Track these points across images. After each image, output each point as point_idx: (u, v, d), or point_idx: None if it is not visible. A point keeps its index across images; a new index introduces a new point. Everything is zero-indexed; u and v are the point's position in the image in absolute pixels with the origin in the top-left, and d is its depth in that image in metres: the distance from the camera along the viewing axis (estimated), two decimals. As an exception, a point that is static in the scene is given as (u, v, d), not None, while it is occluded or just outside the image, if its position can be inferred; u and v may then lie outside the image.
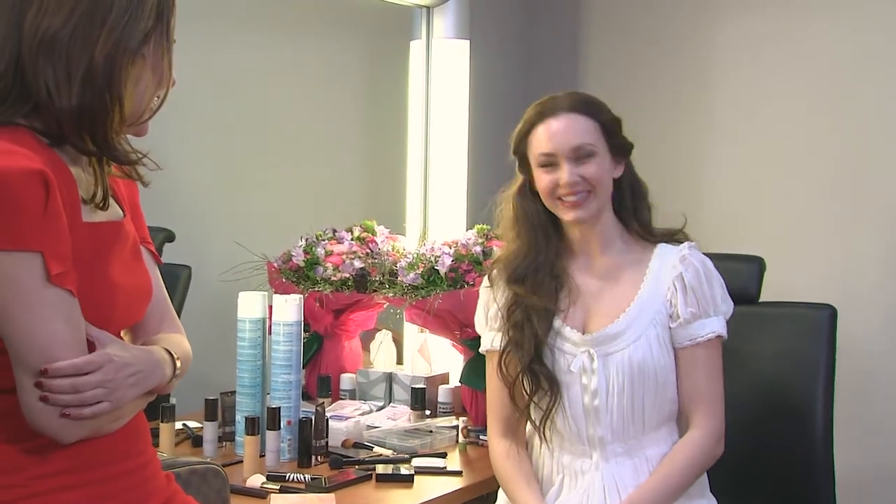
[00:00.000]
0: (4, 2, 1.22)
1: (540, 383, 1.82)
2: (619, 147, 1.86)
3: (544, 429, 1.84)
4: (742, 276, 2.16)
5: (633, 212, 1.89)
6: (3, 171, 1.12)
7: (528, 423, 1.89)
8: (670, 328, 1.82)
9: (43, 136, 1.23)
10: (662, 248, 1.87)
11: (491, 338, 1.91)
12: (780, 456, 2.08)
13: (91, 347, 1.21)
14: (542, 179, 1.84)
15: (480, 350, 1.97)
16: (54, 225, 1.16)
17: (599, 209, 1.84)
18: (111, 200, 1.29)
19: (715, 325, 1.81)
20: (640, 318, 1.81)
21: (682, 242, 1.88)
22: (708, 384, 1.81)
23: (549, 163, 1.83)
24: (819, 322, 2.08)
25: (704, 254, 1.87)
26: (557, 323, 1.84)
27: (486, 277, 1.96)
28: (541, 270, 1.86)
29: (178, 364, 1.34)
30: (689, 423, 1.83)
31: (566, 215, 1.84)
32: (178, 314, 1.47)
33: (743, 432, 2.04)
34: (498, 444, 1.90)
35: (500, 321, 1.88)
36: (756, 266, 2.19)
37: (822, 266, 2.91)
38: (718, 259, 2.01)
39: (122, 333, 1.34)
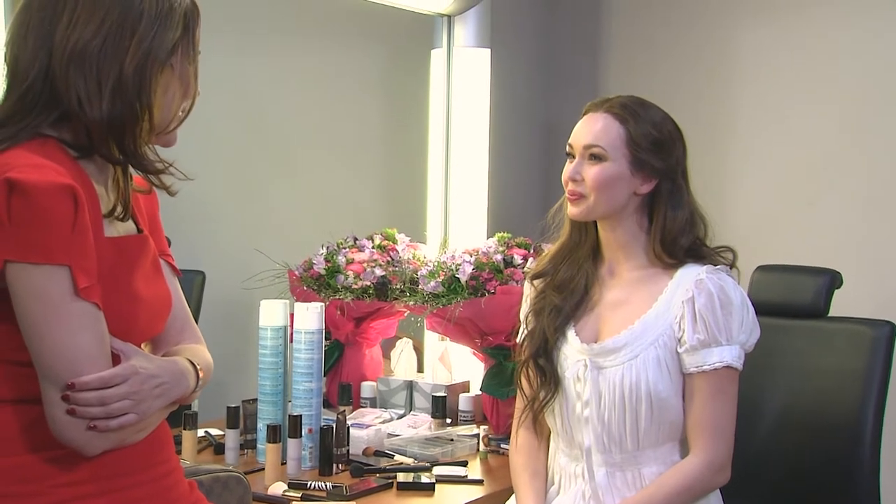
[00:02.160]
0: (36, 14, 1.24)
1: (544, 375, 1.83)
2: (644, 163, 1.77)
3: (539, 423, 1.87)
4: (809, 289, 2.14)
5: (658, 237, 1.79)
6: (34, 186, 1.13)
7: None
8: (678, 352, 1.76)
9: (71, 147, 1.24)
10: (686, 268, 1.79)
11: (522, 329, 1.92)
12: (825, 472, 2.06)
13: (115, 360, 1.22)
14: (564, 170, 1.85)
15: (517, 340, 1.97)
16: (82, 239, 1.17)
17: (597, 215, 1.80)
18: (130, 213, 1.31)
19: (724, 355, 1.73)
20: (642, 337, 1.77)
21: (709, 262, 1.79)
22: (712, 414, 1.74)
23: (569, 153, 1.83)
24: (877, 339, 2.05)
25: (776, 265, 1.79)
26: (568, 325, 1.85)
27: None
28: (572, 268, 1.86)
29: (201, 374, 1.35)
30: (689, 448, 1.77)
31: (568, 209, 1.84)
32: (195, 319, 1.48)
33: (791, 447, 2.05)
34: (515, 434, 1.92)
35: (527, 309, 1.91)
36: (827, 280, 2.15)
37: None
38: (791, 271, 1.97)
39: (142, 345, 1.35)
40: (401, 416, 2.48)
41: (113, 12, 1.22)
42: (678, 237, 1.80)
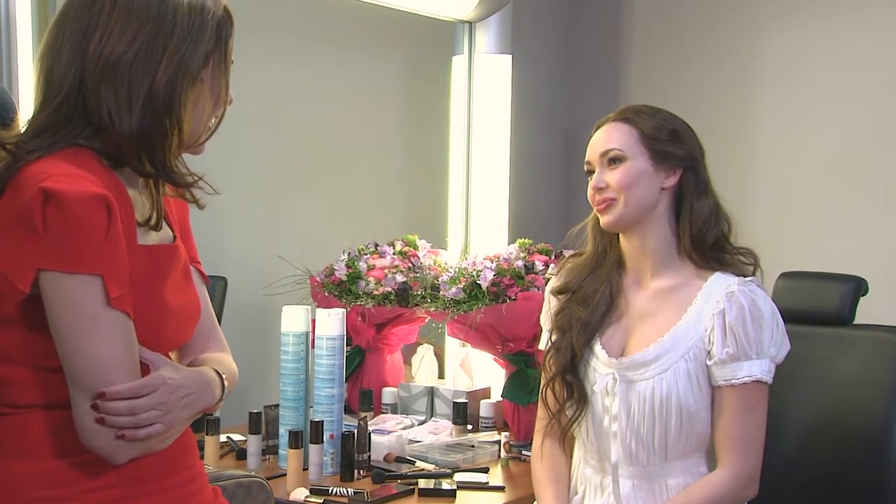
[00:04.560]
0: (70, 26, 1.24)
1: (571, 392, 1.83)
2: (665, 154, 1.79)
3: (566, 437, 1.87)
4: (834, 296, 2.13)
5: (688, 231, 1.79)
6: (68, 195, 1.15)
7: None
8: (707, 365, 1.75)
9: (103, 157, 1.25)
10: (717, 278, 1.79)
11: (545, 338, 1.93)
12: (851, 481, 2.04)
13: (144, 369, 1.24)
14: (588, 189, 1.85)
15: (540, 348, 1.97)
16: (114, 248, 1.18)
17: (630, 218, 1.79)
18: (163, 222, 1.32)
19: (754, 369, 1.73)
20: (672, 350, 1.76)
21: (740, 273, 1.79)
22: (741, 428, 1.74)
23: (589, 171, 1.85)
24: None
25: (800, 272, 1.79)
26: (595, 338, 1.84)
27: (553, 275, 1.97)
28: (597, 281, 1.86)
29: (227, 384, 1.36)
30: (718, 461, 1.77)
31: (600, 221, 1.83)
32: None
33: (816, 455, 2.04)
34: (537, 441, 1.91)
35: (550, 322, 1.91)
36: (852, 287, 2.13)
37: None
38: (816, 278, 1.93)
39: (169, 353, 1.36)
40: (422, 423, 2.48)
41: (146, 27, 1.23)
42: (704, 228, 1.80)
